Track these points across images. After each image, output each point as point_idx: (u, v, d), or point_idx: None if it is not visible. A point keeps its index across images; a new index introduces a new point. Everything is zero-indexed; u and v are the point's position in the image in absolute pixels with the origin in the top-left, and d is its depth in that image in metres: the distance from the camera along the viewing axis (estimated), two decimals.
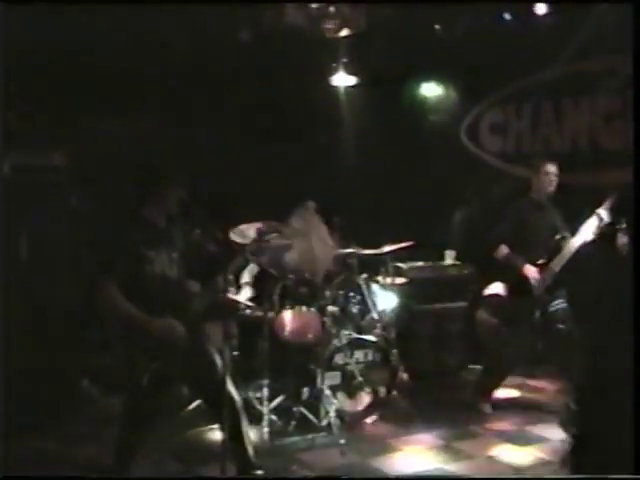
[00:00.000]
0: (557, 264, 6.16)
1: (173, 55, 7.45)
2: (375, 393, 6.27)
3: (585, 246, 6.02)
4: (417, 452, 5.68)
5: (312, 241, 6.38)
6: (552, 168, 6.42)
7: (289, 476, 5.20)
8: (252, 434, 5.10)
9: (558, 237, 6.25)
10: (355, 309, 6.66)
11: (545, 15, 7.11)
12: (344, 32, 7.00)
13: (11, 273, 5.51)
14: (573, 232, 6.12)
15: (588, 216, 6.00)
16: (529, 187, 6.55)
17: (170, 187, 4.46)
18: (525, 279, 6.22)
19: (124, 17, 6.48)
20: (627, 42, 4.90)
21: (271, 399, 6.04)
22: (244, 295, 6.57)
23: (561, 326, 6.20)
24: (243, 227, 5.75)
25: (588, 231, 5.99)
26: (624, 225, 5.45)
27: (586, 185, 7.38)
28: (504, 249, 6.37)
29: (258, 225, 5.25)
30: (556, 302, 6.24)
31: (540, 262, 6.23)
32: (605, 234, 5.82)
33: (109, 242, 4.48)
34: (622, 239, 5.42)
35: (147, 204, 4.46)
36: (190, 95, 7.99)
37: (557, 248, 6.20)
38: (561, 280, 6.19)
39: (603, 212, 5.93)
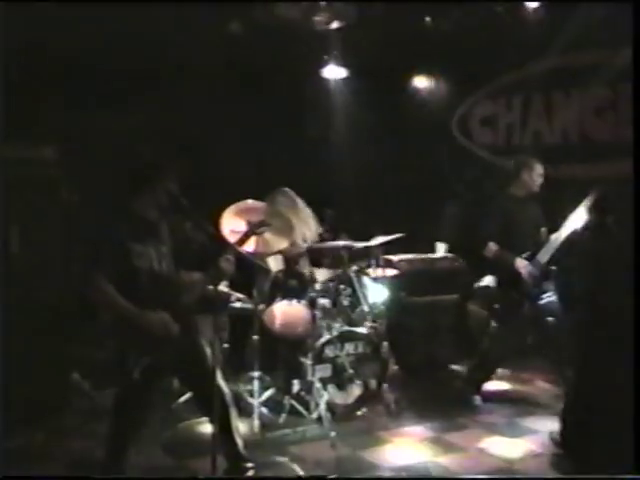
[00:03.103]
0: (543, 256, 6.18)
1: (162, 49, 7.43)
2: (366, 385, 6.28)
3: (573, 237, 6.04)
4: (407, 444, 5.70)
5: (292, 222, 6.27)
6: (541, 168, 6.41)
7: (283, 473, 5.18)
8: (242, 427, 5.12)
9: (543, 229, 6.28)
10: (346, 302, 6.65)
11: (536, 8, 7.12)
12: (335, 24, 7.00)
13: (0, 266, 5.50)
14: (560, 224, 6.13)
15: (575, 207, 6.00)
16: (508, 182, 6.51)
17: (161, 179, 4.42)
18: (516, 273, 6.22)
19: (115, 12, 6.49)
20: (616, 36, 4.95)
21: (261, 392, 6.04)
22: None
23: (550, 319, 6.23)
24: (232, 212, 5.69)
25: (575, 222, 6.00)
26: (611, 216, 5.47)
27: (575, 177, 7.41)
28: (493, 247, 6.33)
29: (248, 217, 5.26)
30: (545, 295, 6.26)
31: (526, 255, 6.24)
32: (592, 225, 5.82)
33: (99, 236, 4.44)
34: (609, 230, 5.44)
35: (138, 197, 4.43)
36: (179, 88, 7.98)
37: (542, 240, 6.23)
38: (549, 272, 6.21)
39: (589, 203, 5.93)
